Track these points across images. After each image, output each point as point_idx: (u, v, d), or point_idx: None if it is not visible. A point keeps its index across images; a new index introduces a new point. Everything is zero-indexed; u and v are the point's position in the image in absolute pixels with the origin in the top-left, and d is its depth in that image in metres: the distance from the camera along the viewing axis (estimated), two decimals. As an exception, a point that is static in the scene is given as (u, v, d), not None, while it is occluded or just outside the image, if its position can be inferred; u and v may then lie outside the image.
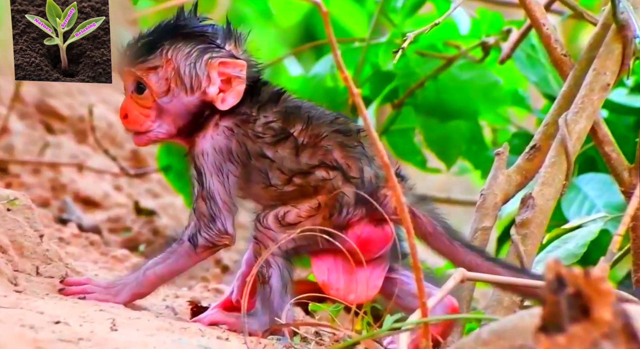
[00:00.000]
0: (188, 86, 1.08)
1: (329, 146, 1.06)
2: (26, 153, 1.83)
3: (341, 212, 1.06)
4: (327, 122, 1.07)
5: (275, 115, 1.07)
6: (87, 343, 0.86)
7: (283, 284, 1.06)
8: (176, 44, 1.07)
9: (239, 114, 1.07)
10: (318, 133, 1.07)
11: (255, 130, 1.07)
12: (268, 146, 1.06)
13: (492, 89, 1.53)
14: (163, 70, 1.07)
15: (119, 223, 1.81)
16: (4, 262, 1.03)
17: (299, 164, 1.06)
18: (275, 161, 1.06)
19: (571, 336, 0.71)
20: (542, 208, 1.13)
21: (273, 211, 1.06)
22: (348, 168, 1.06)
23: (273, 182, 1.06)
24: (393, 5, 1.55)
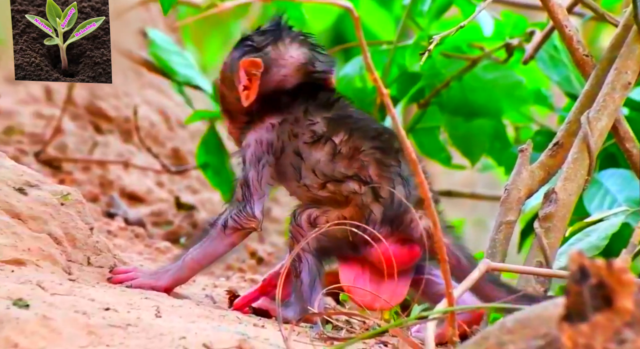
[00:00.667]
0: (228, 86, 1.11)
1: (366, 162, 1.06)
2: (77, 152, 1.86)
3: (365, 231, 1.05)
4: (369, 137, 1.07)
5: (323, 120, 1.08)
6: (134, 329, 0.87)
7: (311, 278, 1.06)
8: (231, 51, 1.13)
9: (285, 112, 1.09)
10: (358, 146, 1.06)
11: (295, 130, 1.08)
12: (304, 146, 1.07)
13: (516, 89, 1.52)
14: (220, 75, 1.13)
15: (161, 217, 1.83)
16: (58, 252, 1.05)
17: (333, 171, 1.06)
18: (307, 161, 1.06)
19: (594, 325, 0.70)
20: (564, 203, 1.12)
21: (307, 211, 1.07)
22: (380, 187, 1.05)
23: (306, 182, 1.06)
24: (419, 9, 1.54)
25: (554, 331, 0.74)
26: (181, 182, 1.94)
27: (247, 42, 1.12)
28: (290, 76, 1.10)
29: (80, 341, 0.82)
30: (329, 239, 1.06)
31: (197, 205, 1.90)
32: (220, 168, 1.68)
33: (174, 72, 1.69)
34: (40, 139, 1.83)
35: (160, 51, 1.70)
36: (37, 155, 1.80)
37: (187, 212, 1.86)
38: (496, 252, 1.14)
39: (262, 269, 1.66)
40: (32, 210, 1.07)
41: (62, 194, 1.10)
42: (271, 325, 1.02)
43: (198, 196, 1.94)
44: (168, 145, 1.98)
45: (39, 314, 0.82)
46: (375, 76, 0.85)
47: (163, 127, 1.99)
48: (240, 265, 1.63)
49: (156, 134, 1.97)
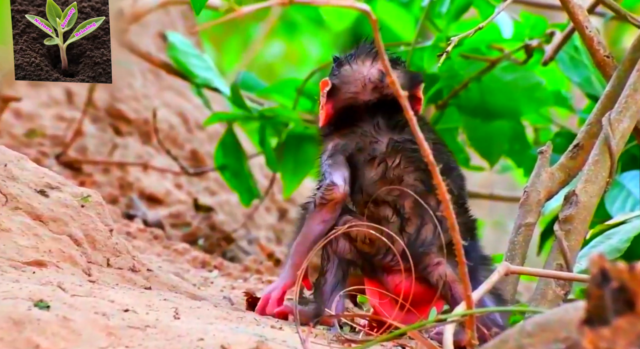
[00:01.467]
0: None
1: (405, 193, 1.05)
2: (97, 154, 1.88)
3: (385, 256, 1.05)
4: (417, 170, 1.06)
5: (388, 140, 1.07)
6: (153, 330, 0.88)
7: (335, 282, 1.06)
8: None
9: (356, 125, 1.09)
10: (402, 176, 1.06)
11: (362, 144, 1.08)
12: (363, 162, 1.07)
13: (535, 90, 1.51)
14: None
15: (180, 219, 1.84)
16: (79, 254, 1.06)
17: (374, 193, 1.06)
18: (361, 178, 1.07)
19: (615, 329, 0.69)
20: (585, 205, 1.11)
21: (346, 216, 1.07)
22: (408, 221, 1.05)
23: (355, 198, 1.07)
24: (438, 10, 1.54)
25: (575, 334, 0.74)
26: (199, 184, 1.95)
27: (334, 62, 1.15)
28: (359, 93, 1.11)
29: (99, 342, 0.82)
30: (355, 254, 1.06)
31: (215, 207, 1.91)
32: (238, 170, 1.69)
33: (193, 74, 1.70)
34: (61, 142, 1.85)
35: (180, 54, 1.71)
36: (58, 157, 1.82)
37: (205, 214, 1.87)
38: (515, 255, 1.13)
39: (279, 270, 1.66)
40: (52, 212, 1.08)
41: (82, 196, 1.11)
42: (289, 327, 1.02)
43: (216, 197, 1.94)
44: (187, 147, 1.99)
45: (60, 315, 0.83)
46: (392, 79, 0.85)
47: (182, 130, 2.00)
48: (258, 267, 1.63)
49: (175, 136, 1.98)
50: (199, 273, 1.49)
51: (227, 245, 1.82)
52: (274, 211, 2.03)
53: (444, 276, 1.05)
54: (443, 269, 1.05)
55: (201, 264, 1.57)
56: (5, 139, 1.79)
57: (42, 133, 1.85)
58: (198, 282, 1.39)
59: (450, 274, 1.05)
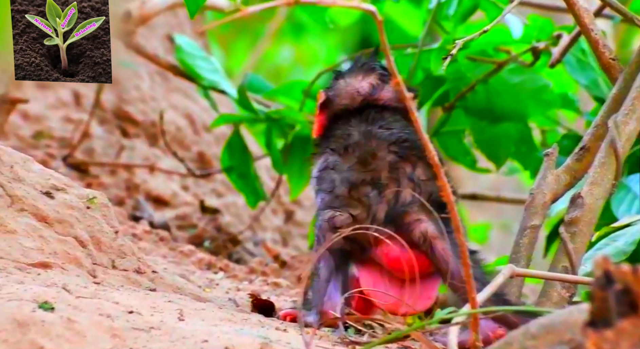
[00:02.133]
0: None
1: (380, 165, 1.08)
2: (104, 156, 1.89)
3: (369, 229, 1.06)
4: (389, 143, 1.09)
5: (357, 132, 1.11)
6: (158, 332, 0.88)
7: (329, 273, 1.07)
8: None
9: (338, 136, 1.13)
10: (375, 151, 1.09)
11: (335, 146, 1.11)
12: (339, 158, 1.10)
13: (542, 92, 1.51)
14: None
15: (186, 220, 1.85)
16: (84, 256, 1.07)
17: (354, 177, 1.08)
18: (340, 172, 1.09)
19: (619, 331, 0.69)
20: (591, 207, 1.10)
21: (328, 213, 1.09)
22: (385, 187, 1.08)
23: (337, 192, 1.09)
24: (445, 12, 1.54)
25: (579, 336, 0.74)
26: (206, 186, 1.96)
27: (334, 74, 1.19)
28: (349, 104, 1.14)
29: (104, 344, 0.83)
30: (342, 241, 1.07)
31: (222, 208, 1.91)
32: (244, 172, 1.69)
33: (200, 76, 1.71)
34: (69, 143, 1.86)
35: (187, 56, 1.72)
36: (65, 159, 1.83)
37: (211, 216, 1.88)
38: (520, 257, 1.13)
39: (285, 272, 1.66)
40: (58, 213, 1.08)
41: (88, 198, 1.12)
42: (293, 329, 1.03)
43: (222, 199, 1.95)
44: (193, 149, 2.00)
45: (64, 317, 0.84)
46: (398, 80, 0.85)
47: (189, 131, 2.01)
48: (264, 268, 1.64)
49: (182, 138, 1.99)
50: (205, 275, 1.50)
51: (233, 247, 1.82)
52: (280, 213, 2.04)
53: (424, 232, 1.06)
54: (424, 225, 1.06)
55: (207, 266, 1.57)
56: (13, 140, 1.80)
57: (50, 135, 1.86)
58: (203, 284, 1.39)
59: (431, 230, 1.06)
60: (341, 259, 1.09)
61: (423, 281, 1.07)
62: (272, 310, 1.15)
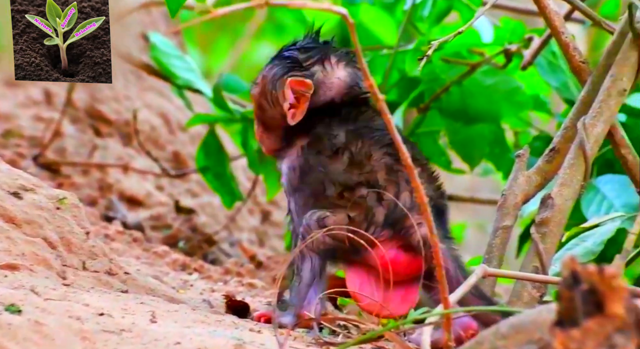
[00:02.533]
0: (269, 101, 1.12)
1: (375, 166, 1.07)
2: (76, 155, 1.86)
3: (368, 230, 1.06)
4: (382, 145, 1.08)
5: (343, 132, 1.09)
6: (129, 334, 0.87)
7: (312, 277, 1.07)
8: (273, 64, 1.13)
9: (312, 133, 1.10)
10: (369, 153, 1.08)
11: (319, 147, 1.09)
12: (326, 159, 1.08)
13: (515, 94, 1.52)
14: (258, 87, 1.14)
15: (160, 221, 1.83)
16: (53, 257, 1.06)
17: (347, 180, 1.07)
18: (329, 174, 1.08)
19: (585, 330, 0.70)
20: (560, 208, 1.12)
21: (317, 213, 1.08)
22: (384, 190, 1.07)
23: (328, 194, 1.08)
24: (420, 14, 1.55)
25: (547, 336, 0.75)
26: (181, 186, 1.95)
27: (290, 58, 1.12)
28: (335, 98, 1.11)
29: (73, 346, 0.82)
30: (333, 241, 1.06)
31: (197, 209, 1.90)
32: (220, 172, 1.69)
33: (175, 75, 1.70)
34: (39, 143, 1.83)
35: (161, 55, 1.71)
36: (36, 158, 1.81)
37: (186, 216, 1.87)
38: (493, 257, 1.14)
39: (261, 273, 1.66)
40: (26, 214, 1.07)
41: (58, 198, 1.11)
42: (267, 330, 1.03)
43: (198, 199, 1.94)
44: (168, 148, 1.99)
45: (32, 319, 0.83)
46: (370, 82, 0.85)
47: (163, 131, 2.00)
48: (239, 269, 1.63)
49: (156, 137, 1.97)
50: (179, 276, 1.49)
51: (209, 247, 1.82)
52: (257, 213, 2.03)
53: (424, 236, 1.06)
54: (424, 230, 1.06)
55: (181, 266, 1.57)
56: (-18, 140, 1.77)
57: (19, 134, 1.84)
58: (177, 285, 1.39)
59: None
60: (327, 261, 1.08)
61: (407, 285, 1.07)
62: (247, 311, 1.15)
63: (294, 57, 1.12)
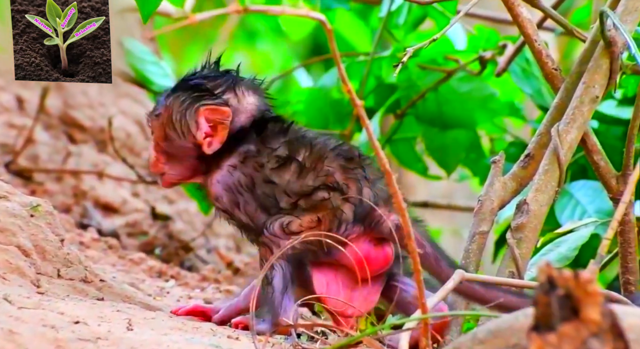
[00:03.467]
0: (179, 131, 1.12)
1: (331, 169, 1.09)
2: (50, 162, 1.84)
3: (339, 228, 1.07)
4: (329, 148, 1.10)
5: (282, 144, 1.10)
6: (105, 342, 0.86)
7: (284, 285, 1.07)
8: (177, 94, 1.12)
9: (241, 151, 1.10)
10: (320, 156, 1.09)
11: (259, 161, 1.10)
12: (272, 172, 1.09)
13: (490, 101, 1.54)
14: (162, 118, 1.12)
15: (136, 228, 1.82)
16: (27, 265, 1.04)
17: (302, 187, 1.08)
18: (279, 185, 1.08)
19: (561, 335, 0.71)
20: (536, 213, 1.13)
21: (279, 219, 1.08)
22: (347, 188, 1.08)
23: (282, 205, 1.08)
24: (395, 21, 1.56)
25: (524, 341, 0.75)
26: (157, 193, 1.93)
27: (197, 87, 1.12)
28: (247, 122, 1.12)
29: (48, 355, 0.81)
30: (302, 244, 1.07)
31: (174, 215, 1.89)
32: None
33: (151, 82, 1.69)
34: (11, 149, 1.81)
35: (137, 61, 1.70)
36: (8, 165, 1.78)
37: (162, 223, 1.85)
38: (469, 263, 1.15)
39: (238, 280, 1.65)
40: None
41: (31, 206, 1.09)
42: (245, 337, 1.02)
43: (174, 206, 1.93)
44: (144, 155, 1.97)
45: (5, 328, 0.82)
46: (348, 87, 0.86)
47: (139, 138, 1.98)
48: (216, 276, 1.62)
49: (132, 144, 1.96)
50: (155, 283, 1.47)
51: (186, 254, 1.80)
52: (234, 219, 2.02)
53: (395, 223, 1.07)
54: (394, 217, 1.08)
55: (158, 274, 1.55)
56: (-47, 147, 1.74)
57: (-9, 141, 1.81)
58: (154, 292, 1.37)
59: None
60: (297, 266, 1.09)
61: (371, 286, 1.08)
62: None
63: (201, 86, 1.12)
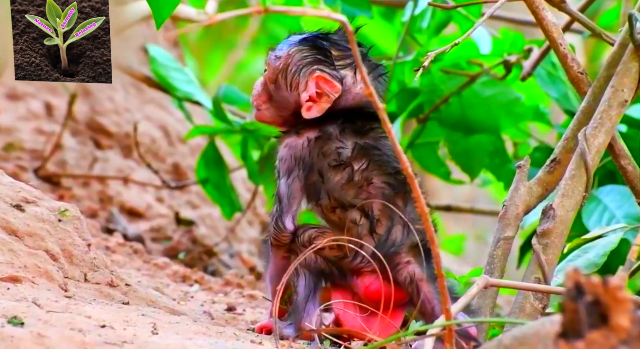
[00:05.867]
0: (288, 83, 1.11)
1: (372, 195, 1.07)
2: (77, 168, 1.86)
3: (355, 259, 1.07)
4: (384, 173, 1.07)
5: (353, 145, 1.08)
6: (130, 346, 0.87)
7: (307, 292, 1.07)
8: (304, 47, 1.11)
9: (322, 130, 1.09)
10: (370, 178, 1.07)
11: (325, 148, 1.08)
12: (328, 168, 1.07)
13: (514, 105, 1.53)
14: (280, 62, 1.11)
15: (161, 233, 1.83)
16: (55, 269, 1.05)
17: (343, 198, 1.06)
18: (327, 183, 1.07)
19: (590, 343, 0.70)
20: (562, 219, 1.12)
21: (308, 231, 1.08)
22: (377, 223, 1.06)
23: (321, 203, 1.07)
24: (419, 25, 1.55)
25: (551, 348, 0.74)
26: (181, 198, 1.95)
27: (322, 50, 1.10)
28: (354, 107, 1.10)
29: (75, 358, 0.81)
30: (322, 262, 1.07)
31: (197, 220, 1.90)
32: (220, 183, 1.69)
33: (174, 88, 1.70)
34: (40, 155, 1.83)
35: (161, 67, 1.71)
36: (37, 171, 1.81)
37: (186, 228, 1.86)
38: (494, 268, 1.14)
39: (260, 284, 1.66)
40: (29, 227, 1.07)
41: (59, 210, 1.10)
42: (268, 342, 1.02)
43: (198, 211, 1.94)
44: (168, 160, 1.99)
45: (34, 332, 0.82)
46: (370, 90, 0.86)
47: (163, 143, 2.00)
48: (239, 281, 1.63)
49: (156, 149, 1.97)
50: (179, 287, 1.48)
51: (209, 259, 1.81)
52: (256, 224, 2.03)
53: (412, 275, 1.06)
54: (412, 268, 1.07)
55: (182, 278, 1.56)
56: (-17, 153, 1.77)
57: (21, 147, 1.84)
58: (178, 296, 1.38)
59: (418, 273, 1.07)
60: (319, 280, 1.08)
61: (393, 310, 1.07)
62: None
63: (327, 51, 1.10)
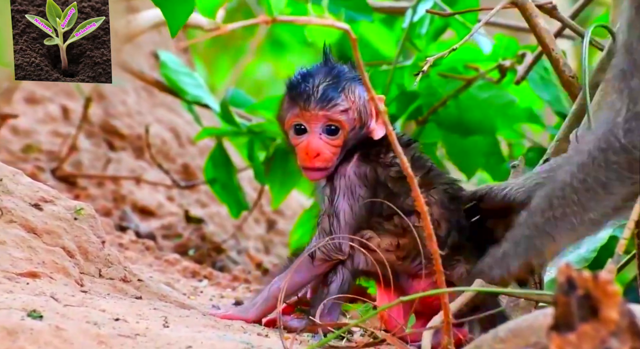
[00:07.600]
0: (364, 121, 1.09)
1: (433, 199, 1.07)
2: (92, 168, 1.87)
3: (414, 261, 1.06)
4: (442, 181, 1.09)
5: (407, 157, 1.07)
6: (143, 338, 0.88)
7: (339, 292, 1.06)
8: (349, 87, 1.10)
9: (373, 146, 1.09)
10: (431, 183, 1.08)
11: (386, 161, 1.08)
12: (391, 179, 1.08)
13: (509, 108, 1.53)
14: (351, 111, 1.09)
15: (171, 230, 1.84)
16: (71, 265, 1.06)
17: (404, 204, 1.06)
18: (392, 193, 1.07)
19: (581, 334, 0.70)
20: (555, 216, 1.12)
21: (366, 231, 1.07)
22: (437, 226, 1.06)
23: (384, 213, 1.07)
24: (418, 31, 1.56)
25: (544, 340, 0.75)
26: (190, 197, 1.95)
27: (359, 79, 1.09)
28: None
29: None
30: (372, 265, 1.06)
31: (206, 218, 1.91)
32: (227, 183, 1.69)
33: (184, 91, 1.71)
34: (57, 157, 1.84)
35: (171, 72, 1.72)
36: (54, 172, 1.82)
37: (195, 225, 1.87)
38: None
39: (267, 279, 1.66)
40: (46, 225, 1.08)
41: (75, 209, 1.11)
42: (274, 334, 1.03)
43: (206, 209, 1.95)
44: (178, 161, 2.00)
45: (52, 324, 0.83)
46: (372, 95, 0.86)
47: (174, 144, 2.01)
48: (246, 276, 1.64)
49: (167, 150, 1.98)
50: (189, 283, 1.49)
51: (217, 255, 1.82)
52: (263, 222, 2.04)
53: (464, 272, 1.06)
54: (460, 268, 1.07)
55: (191, 274, 1.57)
56: (3, 154, 1.78)
57: (39, 148, 1.85)
58: (188, 291, 1.39)
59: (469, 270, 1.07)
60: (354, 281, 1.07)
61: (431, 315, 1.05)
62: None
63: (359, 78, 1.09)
